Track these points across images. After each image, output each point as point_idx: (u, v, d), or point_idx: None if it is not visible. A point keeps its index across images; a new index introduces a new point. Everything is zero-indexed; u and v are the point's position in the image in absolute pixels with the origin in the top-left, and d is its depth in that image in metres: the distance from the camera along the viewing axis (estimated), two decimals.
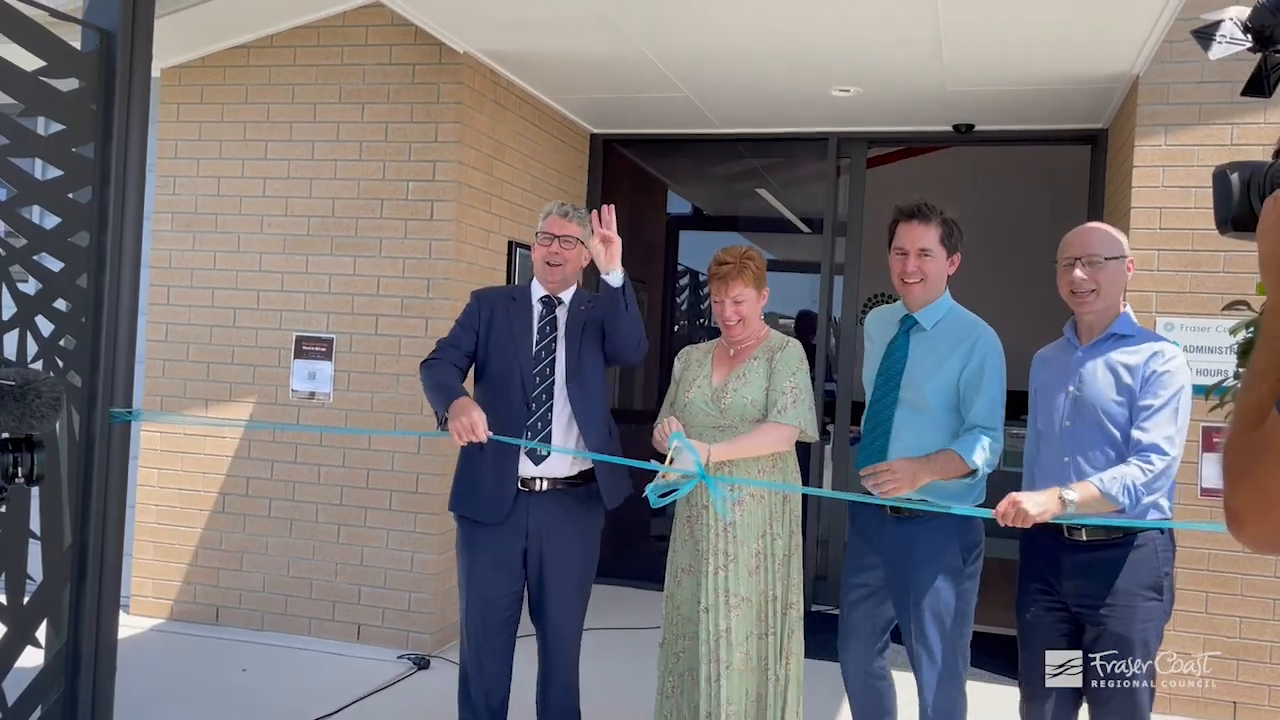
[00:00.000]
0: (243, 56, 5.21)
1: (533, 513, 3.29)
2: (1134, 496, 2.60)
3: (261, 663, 4.72)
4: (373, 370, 5.00)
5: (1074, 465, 2.76)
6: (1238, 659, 4.36)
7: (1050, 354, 3.00)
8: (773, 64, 4.89)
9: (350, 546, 5.03)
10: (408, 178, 4.96)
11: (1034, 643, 2.87)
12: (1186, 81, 4.46)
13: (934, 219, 2.98)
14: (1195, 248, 4.44)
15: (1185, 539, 4.41)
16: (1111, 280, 2.79)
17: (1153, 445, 2.64)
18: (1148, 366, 2.70)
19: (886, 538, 3.01)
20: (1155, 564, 2.72)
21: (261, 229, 5.17)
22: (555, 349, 3.35)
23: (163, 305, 5.30)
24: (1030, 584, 2.89)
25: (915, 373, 3.00)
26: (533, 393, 3.29)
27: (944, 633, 2.93)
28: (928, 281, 2.99)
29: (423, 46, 4.92)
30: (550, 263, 3.37)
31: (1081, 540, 2.73)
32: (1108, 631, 2.70)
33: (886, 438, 3.02)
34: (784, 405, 3.09)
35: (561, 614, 3.39)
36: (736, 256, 3.17)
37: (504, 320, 3.39)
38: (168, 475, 5.29)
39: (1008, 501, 2.60)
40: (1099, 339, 2.82)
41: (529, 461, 3.27)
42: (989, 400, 2.90)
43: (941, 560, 2.93)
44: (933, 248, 2.98)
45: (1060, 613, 2.82)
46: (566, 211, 3.43)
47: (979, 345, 2.94)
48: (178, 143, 5.30)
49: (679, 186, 8.00)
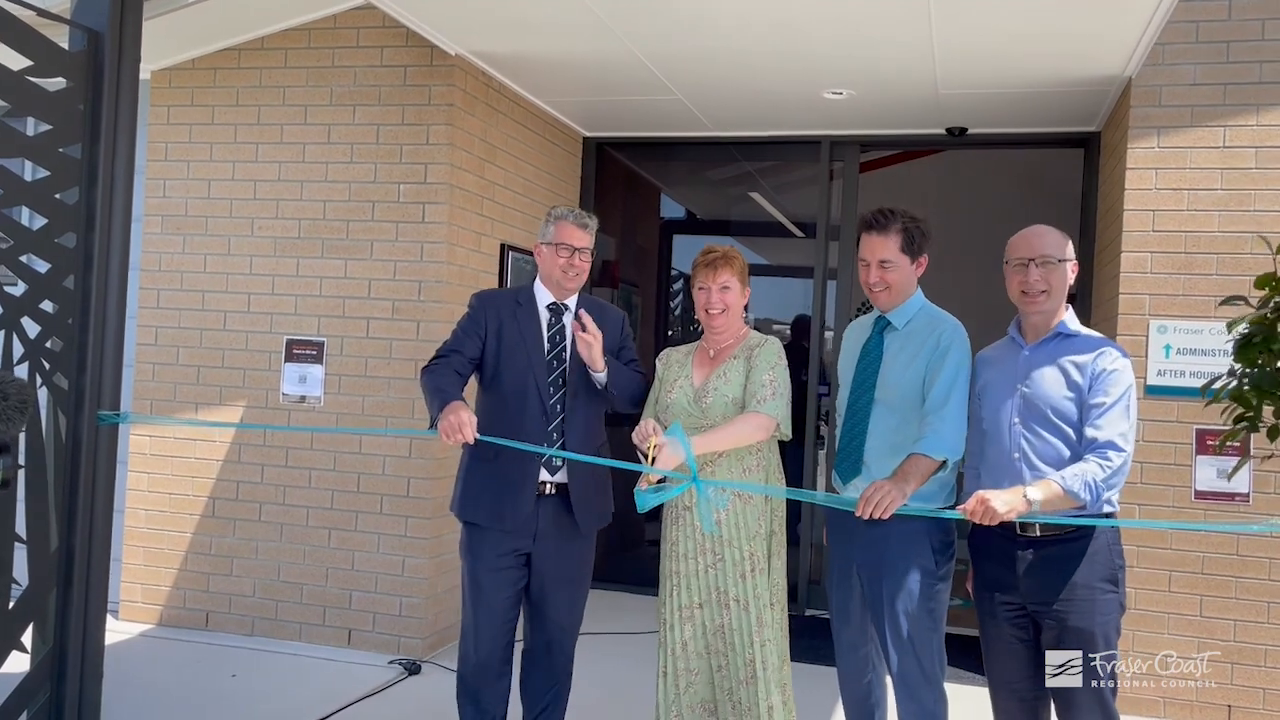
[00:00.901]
0: (233, 59, 5.18)
1: (542, 516, 3.32)
2: (1095, 492, 2.64)
3: (251, 668, 4.68)
4: (364, 374, 4.98)
5: (1024, 461, 2.79)
6: (1233, 662, 4.35)
7: (994, 354, 3.02)
8: (764, 66, 4.89)
9: (341, 551, 5.00)
10: (399, 180, 4.94)
11: (995, 648, 2.91)
12: (1179, 84, 4.46)
13: (893, 228, 3.03)
14: (1188, 250, 4.44)
15: (1180, 542, 4.41)
16: (1061, 282, 2.85)
17: (1109, 442, 2.68)
18: (1096, 365, 2.75)
19: (859, 541, 3.02)
20: (1109, 556, 2.75)
21: (252, 231, 5.15)
22: (565, 357, 3.37)
23: (153, 308, 5.27)
24: (985, 591, 2.91)
25: (890, 372, 3.04)
26: (549, 401, 3.31)
27: (919, 633, 2.94)
28: (893, 289, 3.05)
29: (414, 49, 4.90)
30: (570, 273, 3.36)
31: (1036, 536, 2.77)
32: (1068, 627, 2.72)
33: (863, 437, 3.04)
34: (763, 397, 3.10)
35: (563, 612, 3.42)
36: (723, 249, 3.23)
37: (513, 328, 3.37)
38: (157, 479, 5.26)
39: (976, 500, 2.61)
40: (1045, 338, 2.87)
41: (545, 470, 3.30)
42: (945, 385, 2.92)
43: (915, 562, 2.95)
44: (892, 258, 3.03)
45: (1019, 617, 2.84)
46: (585, 222, 3.40)
47: (943, 337, 2.99)
48: (168, 145, 5.27)
49: (672, 190, 8.00)
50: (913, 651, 2.94)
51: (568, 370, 3.36)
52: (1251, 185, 4.38)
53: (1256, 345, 1.77)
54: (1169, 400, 4.39)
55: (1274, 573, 4.33)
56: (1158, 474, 4.42)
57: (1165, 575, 4.42)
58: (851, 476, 3.04)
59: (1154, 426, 4.41)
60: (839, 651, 3.18)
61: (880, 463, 2.96)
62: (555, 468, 3.32)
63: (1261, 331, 1.75)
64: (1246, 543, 4.35)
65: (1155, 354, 4.43)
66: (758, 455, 3.17)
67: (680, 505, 3.18)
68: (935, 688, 2.99)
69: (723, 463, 3.13)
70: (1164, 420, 4.41)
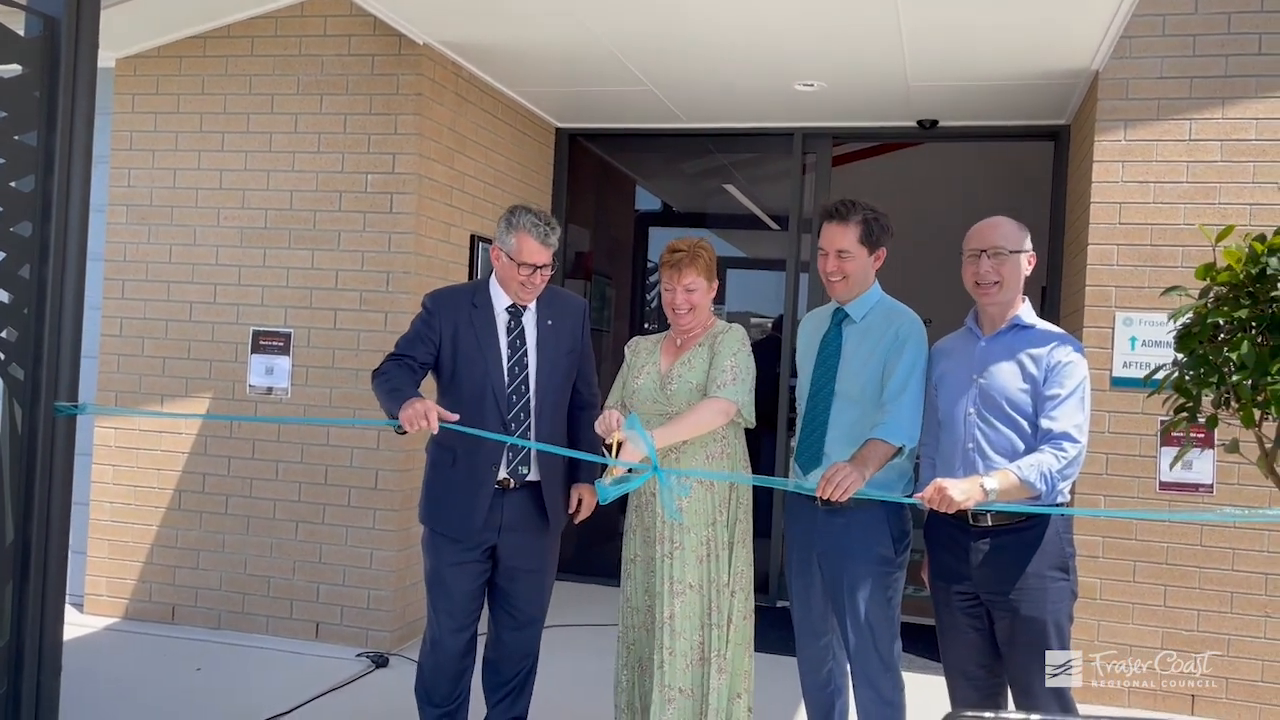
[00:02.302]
0: (199, 46, 5.12)
1: (506, 510, 3.29)
2: (1050, 483, 2.66)
3: (218, 662, 4.64)
4: (331, 365, 4.94)
5: (978, 451, 2.81)
6: (1196, 652, 4.39)
7: (951, 345, 3.03)
8: (734, 57, 4.88)
9: (308, 544, 4.97)
10: (367, 170, 4.90)
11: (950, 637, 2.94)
12: (1146, 77, 4.48)
13: (853, 219, 3.04)
14: (1154, 242, 4.46)
15: (1145, 533, 4.44)
16: (1014, 273, 2.86)
17: (1064, 434, 2.70)
18: (1051, 357, 2.77)
19: (820, 530, 3.04)
20: (1060, 544, 2.78)
21: (218, 221, 5.09)
22: (527, 363, 3.30)
23: (117, 299, 5.22)
24: (939, 580, 2.93)
25: (849, 365, 3.06)
26: (508, 415, 3.25)
27: (878, 620, 2.99)
28: (849, 279, 3.07)
29: (382, 37, 4.86)
30: (528, 288, 3.26)
31: (988, 526, 2.78)
32: (1021, 616, 2.75)
33: (823, 429, 3.06)
34: (723, 381, 3.10)
35: (528, 606, 3.40)
36: (689, 246, 3.20)
37: (469, 333, 3.26)
38: (122, 472, 5.20)
39: (933, 487, 2.63)
40: (1002, 329, 2.88)
41: (506, 470, 3.26)
42: (903, 375, 2.95)
43: (874, 551, 2.99)
44: (850, 248, 3.04)
45: (973, 606, 2.86)
46: (547, 237, 3.22)
47: (901, 330, 3.02)
48: (133, 134, 5.21)
49: (647, 182, 7.98)
50: (872, 639, 2.99)
51: (530, 378, 3.29)
52: (1217, 178, 4.41)
53: (1195, 335, 1.78)
54: (1134, 392, 4.41)
55: (1237, 563, 4.37)
56: (1123, 465, 4.45)
57: (1130, 565, 4.45)
58: (813, 467, 3.05)
59: (1119, 418, 4.44)
60: (799, 640, 3.21)
61: (841, 454, 2.97)
62: (521, 476, 3.27)
63: (1199, 321, 1.77)
64: (1210, 533, 4.38)
65: (1121, 346, 4.46)
66: (722, 443, 3.18)
67: (647, 491, 3.18)
68: (894, 675, 3.04)
69: (687, 450, 3.14)
70: (1129, 412, 4.44)
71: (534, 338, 3.32)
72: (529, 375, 3.28)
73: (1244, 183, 4.38)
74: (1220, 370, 1.79)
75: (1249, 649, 4.34)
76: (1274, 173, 4.34)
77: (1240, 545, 4.36)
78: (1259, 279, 1.85)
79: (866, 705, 3.04)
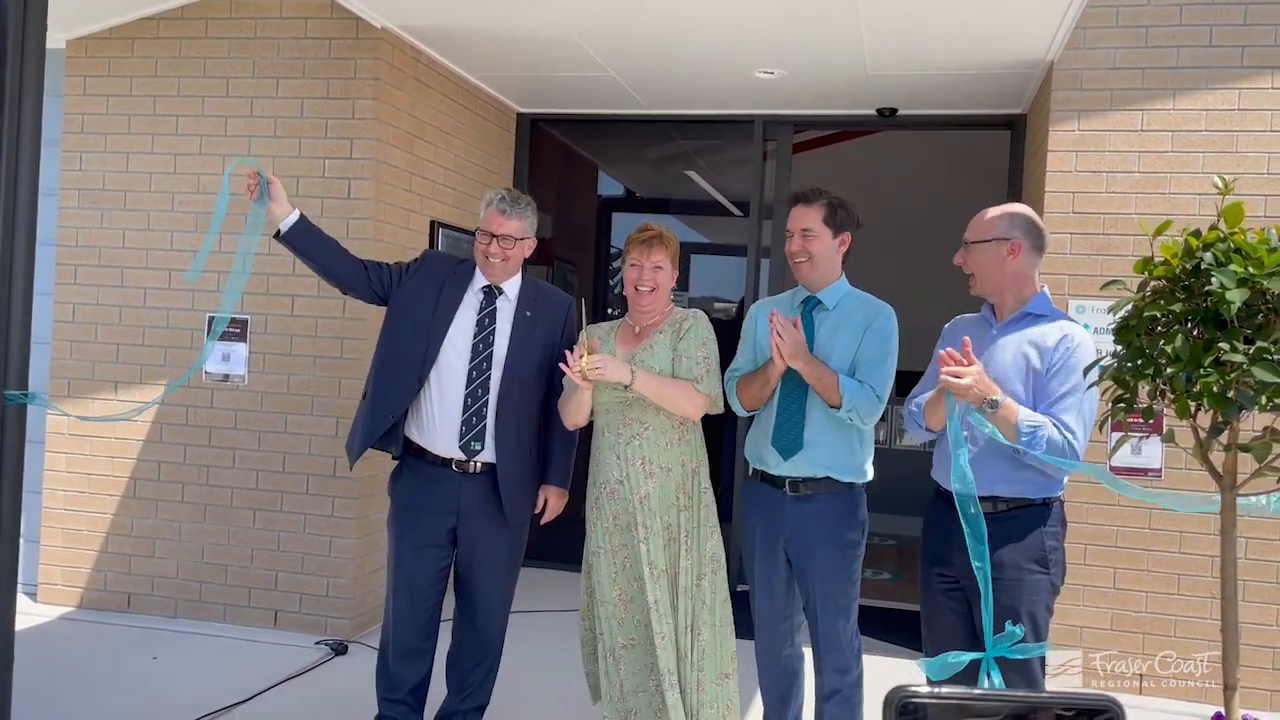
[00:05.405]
0: (152, 28, 5.04)
1: (464, 494, 3.28)
2: (1034, 443, 2.60)
3: (174, 650, 4.61)
4: (288, 352, 4.90)
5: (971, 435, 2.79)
6: (1144, 633, 4.49)
7: (965, 327, 2.99)
8: (694, 44, 4.87)
9: (266, 531, 4.94)
10: (324, 155, 4.85)
11: (932, 619, 2.97)
12: (1099, 68, 4.54)
13: (817, 202, 3.13)
14: (1106, 231, 4.53)
15: (1095, 516, 4.52)
16: (982, 263, 2.85)
17: (1070, 427, 2.68)
18: (1057, 350, 2.75)
19: (787, 516, 3.09)
20: (1040, 539, 2.78)
21: (173, 206, 5.03)
22: (493, 342, 3.31)
23: (70, 284, 5.14)
24: (925, 563, 2.98)
25: (823, 351, 3.09)
26: (467, 388, 3.28)
27: (847, 603, 3.10)
28: (814, 260, 3.13)
29: (339, 20, 4.81)
30: (489, 260, 3.33)
31: None
32: (996, 604, 2.75)
33: (803, 415, 3.08)
34: (699, 375, 3.14)
35: (489, 594, 3.40)
36: (659, 229, 3.26)
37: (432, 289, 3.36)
38: (76, 460, 5.14)
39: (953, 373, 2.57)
40: (1013, 318, 2.86)
41: (462, 451, 3.29)
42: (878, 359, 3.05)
43: (843, 535, 3.09)
44: (814, 227, 3.11)
45: (956, 592, 2.89)
46: (506, 208, 3.30)
47: (876, 322, 3.10)
48: (84, 116, 5.13)
49: (609, 168, 7.97)
50: (840, 619, 3.08)
51: (495, 359, 3.30)
52: (1167, 169, 4.48)
53: (1133, 328, 1.82)
54: None
55: (1184, 545, 4.46)
56: None
57: (1081, 549, 4.53)
58: (793, 452, 3.08)
59: None
60: (760, 625, 3.24)
61: (823, 439, 3.06)
62: (475, 452, 3.29)
63: (1136, 315, 1.81)
64: (1158, 516, 4.47)
65: None
66: (680, 429, 3.20)
67: (612, 481, 3.17)
68: (858, 658, 3.14)
69: (649, 436, 3.14)
70: None
71: (508, 323, 3.35)
72: (493, 354, 3.30)
73: (1194, 173, 4.45)
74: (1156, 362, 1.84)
75: (1195, 630, 4.44)
76: (1223, 163, 4.41)
77: (1188, 528, 4.45)
78: (1194, 274, 1.89)
79: (832, 680, 3.11)
